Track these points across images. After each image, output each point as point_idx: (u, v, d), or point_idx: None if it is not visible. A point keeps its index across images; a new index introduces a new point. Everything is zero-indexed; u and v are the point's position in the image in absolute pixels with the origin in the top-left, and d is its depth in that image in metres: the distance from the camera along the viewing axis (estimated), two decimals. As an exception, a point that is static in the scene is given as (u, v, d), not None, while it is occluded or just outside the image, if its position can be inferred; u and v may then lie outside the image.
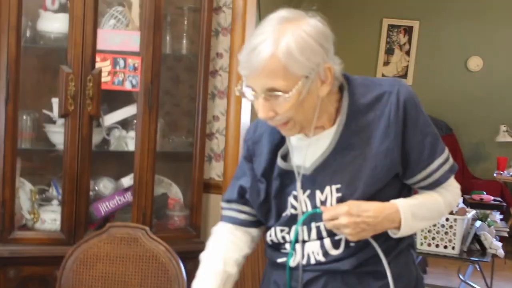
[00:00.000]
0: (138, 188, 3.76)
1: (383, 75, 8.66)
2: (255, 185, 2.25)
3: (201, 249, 3.69)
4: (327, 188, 2.11)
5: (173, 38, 3.95)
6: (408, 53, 8.93)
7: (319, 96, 2.04)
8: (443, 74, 8.66)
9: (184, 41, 4.02)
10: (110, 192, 3.87)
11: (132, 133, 3.84)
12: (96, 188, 3.83)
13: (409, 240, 2.23)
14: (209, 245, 2.36)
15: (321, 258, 2.14)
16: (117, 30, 3.74)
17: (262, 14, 4.30)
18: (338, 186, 2.10)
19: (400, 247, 2.17)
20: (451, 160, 2.17)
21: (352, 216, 1.99)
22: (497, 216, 6.26)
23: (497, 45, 8.39)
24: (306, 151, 2.13)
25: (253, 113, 5.85)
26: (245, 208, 2.32)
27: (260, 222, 2.33)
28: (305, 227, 2.16)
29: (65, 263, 3.07)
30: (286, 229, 2.19)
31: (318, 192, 2.13)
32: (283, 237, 2.20)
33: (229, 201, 2.35)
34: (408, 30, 8.87)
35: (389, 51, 9.00)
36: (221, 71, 4.19)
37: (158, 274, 3.05)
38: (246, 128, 4.28)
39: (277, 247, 2.25)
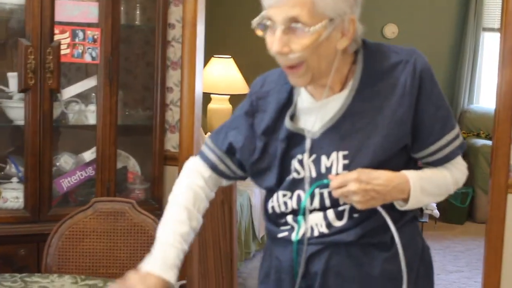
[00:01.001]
0: (101, 162, 3.72)
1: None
2: (251, 143, 2.21)
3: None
4: (334, 154, 2.08)
5: (127, 9, 3.89)
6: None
7: (337, 48, 2.01)
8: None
9: (138, 12, 3.97)
10: (71, 167, 3.81)
11: (91, 107, 3.79)
12: (57, 163, 3.76)
13: (414, 212, 2.21)
14: (180, 188, 2.30)
15: (324, 229, 2.12)
16: (75, 1, 3.66)
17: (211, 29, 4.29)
18: (346, 152, 2.06)
19: (405, 219, 2.16)
20: (461, 137, 2.16)
21: (361, 183, 1.96)
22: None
23: (411, 12, 8.56)
24: (316, 114, 2.11)
25: (206, 84, 5.80)
26: (228, 161, 2.28)
27: (236, 177, 2.34)
28: (316, 197, 2.13)
29: (50, 241, 3.02)
30: (289, 193, 2.15)
31: (324, 158, 2.09)
32: (285, 203, 2.17)
33: (216, 145, 2.30)
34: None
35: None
36: (174, 41, 4.15)
37: (147, 247, 3.02)
38: (200, 98, 4.28)
39: (276, 220, 2.22)
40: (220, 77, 7.09)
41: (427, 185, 2.09)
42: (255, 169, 2.22)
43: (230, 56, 7.25)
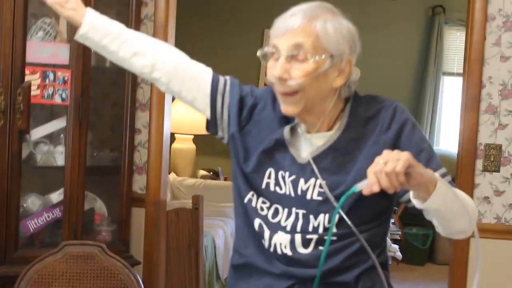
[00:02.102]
0: (68, 204, 3.69)
1: (265, 84, 8.70)
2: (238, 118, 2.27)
3: (132, 263, 3.68)
4: (312, 180, 2.14)
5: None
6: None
7: (332, 85, 2.09)
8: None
9: (108, 54, 3.99)
10: (38, 208, 3.79)
11: (60, 148, 3.78)
12: (24, 204, 3.73)
13: (383, 258, 2.23)
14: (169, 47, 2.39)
15: (288, 251, 2.15)
16: (46, 42, 3.67)
17: (179, 27, 4.31)
18: (323, 182, 2.12)
19: (373, 260, 2.13)
20: (449, 176, 2.14)
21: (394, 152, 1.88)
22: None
23: (374, 56, 8.64)
24: (302, 144, 2.19)
25: (173, 126, 5.80)
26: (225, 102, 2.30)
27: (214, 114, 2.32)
28: (286, 210, 2.17)
29: (18, 285, 2.99)
30: (268, 203, 2.21)
31: (301, 180, 2.15)
32: (262, 208, 2.22)
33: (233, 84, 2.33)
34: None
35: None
36: (143, 83, 4.16)
37: (116, 291, 3.02)
38: (168, 140, 4.30)
39: (260, 238, 2.22)
40: (184, 117, 7.11)
41: (451, 189, 1.98)
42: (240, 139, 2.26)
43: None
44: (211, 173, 7.96)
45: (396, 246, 6.01)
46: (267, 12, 2.18)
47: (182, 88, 2.29)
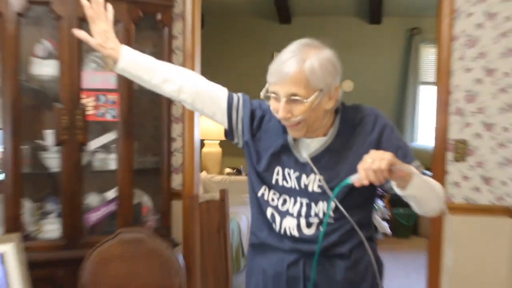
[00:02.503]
0: (121, 199, 3.71)
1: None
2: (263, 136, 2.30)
3: (173, 245, 3.70)
4: (312, 176, 2.19)
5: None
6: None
7: (325, 108, 2.14)
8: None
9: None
10: (97, 204, 3.81)
11: (112, 155, 3.79)
12: (86, 202, 3.75)
13: (370, 233, 2.28)
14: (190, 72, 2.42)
15: (295, 233, 2.20)
16: (97, 71, 3.70)
17: (205, 56, 4.34)
18: (321, 177, 2.17)
19: (361, 237, 2.18)
20: (422, 167, 2.16)
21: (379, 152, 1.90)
22: (380, 203, 6.52)
23: (363, 70, 8.62)
24: (303, 147, 2.23)
25: (203, 134, 5.79)
26: (239, 116, 2.33)
27: (230, 124, 2.34)
28: (292, 200, 2.22)
29: (84, 265, 3.04)
30: (277, 194, 2.25)
31: (304, 176, 2.20)
32: (273, 199, 2.26)
33: (244, 100, 2.36)
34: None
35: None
36: (177, 102, 4.19)
37: (162, 268, 3.05)
38: (198, 146, 4.33)
39: (272, 223, 2.25)
40: (212, 126, 7.14)
41: (424, 178, 2.05)
42: (253, 145, 2.29)
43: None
44: (235, 170, 8.00)
45: (386, 224, 6.02)
46: (276, 38, 2.20)
47: (204, 106, 2.32)
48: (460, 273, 4.06)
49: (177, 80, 2.31)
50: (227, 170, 8.01)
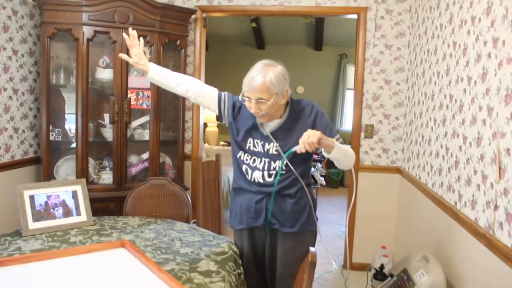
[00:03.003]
0: (151, 159, 3.73)
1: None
2: (240, 120, 2.28)
3: (185, 189, 3.72)
4: (272, 144, 2.19)
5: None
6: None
7: (280, 104, 2.15)
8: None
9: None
10: (136, 162, 3.83)
11: (147, 131, 3.80)
12: (129, 160, 3.77)
13: (308, 181, 2.28)
14: (191, 79, 2.37)
15: (260, 180, 2.21)
16: (138, 77, 3.70)
17: (207, 68, 4.35)
18: (277, 144, 2.18)
19: (302, 183, 2.22)
20: (341, 139, 2.20)
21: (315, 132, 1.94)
22: (319, 165, 6.55)
23: (310, 78, 8.64)
24: (266, 126, 2.22)
25: (206, 119, 5.77)
26: (225, 104, 2.30)
27: (219, 110, 2.31)
28: (259, 159, 2.21)
29: (127, 200, 3.06)
30: (249, 156, 2.25)
31: (266, 144, 2.21)
32: (246, 159, 2.25)
33: (228, 97, 2.34)
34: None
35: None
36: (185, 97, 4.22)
37: (176, 203, 3.08)
38: (202, 126, 4.34)
39: (246, 175, 2.26)
40: (212, 114, 7.13)
41: (341, 147, 2.08)
42: (241, 134, 2.26)
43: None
44: (226, 143, 8.01)
45: (322, 178, 6.06)
46: (255, 58, 2.24)
47: (203, 100, 2.32)
48: (366, 210, 4.15)
49: (185, 84, 2.31)
50: (222, 142, 8.02)
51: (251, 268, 2.29)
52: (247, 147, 2.26)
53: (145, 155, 3.83)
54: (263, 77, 2.06)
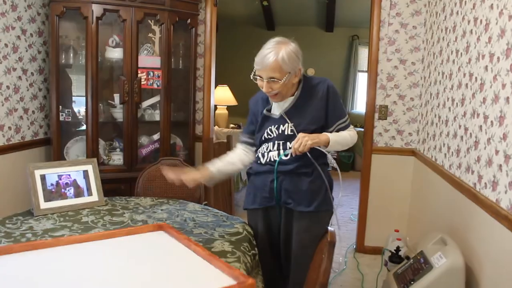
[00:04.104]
0: (162, 140, 3.70)
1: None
2: (255, 125, 2.30)
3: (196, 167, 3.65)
4: (286, 125, 2.16)
5: (175, 60, 3.88)
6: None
7: (293, 83, 2.12)
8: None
9: (180, 62, 3.96)
10: (147, 143, 3.79)
11: (157, 111, 3.75)
12: (139, 141, 3.73)
13: (323, 160, 2.25)
14: (231, 153, 2.40)
15: (276, 158, 2.18)
16: (148, 56, 3.64)
17: (218, 48, 4.28)
18: (292, 124, 2.15)
19: (320, 163, 2.19)
20: (349, 120, 2.23)
21: (306, 136, 2.03)
22: (330, 148, 6.50)
23: (321, 61, 8.57)
24: (278, 106, 2.20)
25: (216, 100, 5.71)
26: (250, 139, 2.35)
27: (254, 146, 2.35)
28: (277, 142, 2.19)
29: (139, 180, 3.04)
30: (266, 145, 2.24)
31: (281, 126, 2.18)
32: (263, 148, 2.24)
33: (246, 133, 2.39)
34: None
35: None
36: (199, 77, 4.17)
37: (189, 183, 3.06)
38: (213, 108, 4.29)
39: (259, 161, 2.26)
40: (222, 96, 7.09)
41: (337, 138, 2.13)
42: (258, 133, 2.29)
43: (227, 85, 7.26)
44: (236, 125, 7.97)
45: (334, 161, 6.03)
46: (264, 40, 2.18)
47: (252, 148, 2.39)
48: (379, 192, 4.11)
49: (236, 162, 2.36)
50: (231, 125, 7.97)
51: (266, 249, 2.26)
52: (263, 139, 2.26)
53: (156, 136, 3.79)
54: (275, 55, 2.02)
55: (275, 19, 8.34)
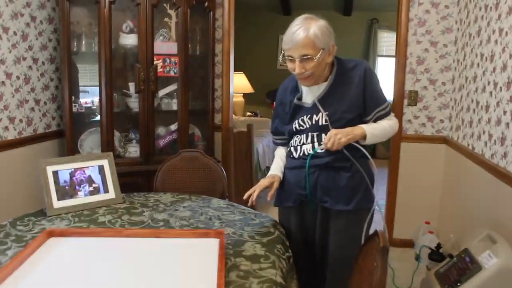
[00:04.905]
0: (180, 130, 3.52)
1: (280, 65, 8.39)
2: (283, 116, 2.15)
3: (216, 161, 3.51)
4: (320, 114, 2.00)
5: (192, 46, 3.68)
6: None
7: (327, 62, 1.95)
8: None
9: (198, 47, 3.76)
10: (164, 133, 3.62)
11: (174, 100, 3.57)
12: (156, 132, 3.57)
13: (362, 153, 2.03)
14: (277, 153, 2.28)
15: (311, 152, 2.02)
16: (164, 42, 3.46)
17: (236, 34, 4.07)
18: (327, 113, 1.98)
19: (358, 155, 2.01)
20: (390, 107, 2.08)
21: (339, 132, 1.92)
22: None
23: (339, 44, 8.33)
24: (311, 93, 2.04)
25: (235, 88, 5.54)
26: (284, 140, 2.21)
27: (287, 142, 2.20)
28: (310, 134, 2.04)
29: (157, 174, 2.88)
30: (298, 137, 2.08)
31: (314, 116, 2.02)
32: (296, 141, 2.09)
33: (274, 133, 2.26)
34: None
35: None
36: (218, 64, 3.97)
37: (210, 176, 2.88)
38: (232, 96, 4.11)
39: (291, 155, 2.13)
40: (238, 83, 6.90)
41: (375, 131, 1.98)
42: (287, 128, 2.13)
43: (243, 72, 7.07)
44: (253, 113, 7.78)
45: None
46: (280, 25, 2.00)
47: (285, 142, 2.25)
48: (408, 182, 3.90)
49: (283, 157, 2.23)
50: (248, 113, 7.79)
51: (300, 251, 2.08)
52: (294, 130, 2.11)
53: (173, 126, 3.62)
54: (305, 30, 1.87)
55: (291, 3, 8.08)
